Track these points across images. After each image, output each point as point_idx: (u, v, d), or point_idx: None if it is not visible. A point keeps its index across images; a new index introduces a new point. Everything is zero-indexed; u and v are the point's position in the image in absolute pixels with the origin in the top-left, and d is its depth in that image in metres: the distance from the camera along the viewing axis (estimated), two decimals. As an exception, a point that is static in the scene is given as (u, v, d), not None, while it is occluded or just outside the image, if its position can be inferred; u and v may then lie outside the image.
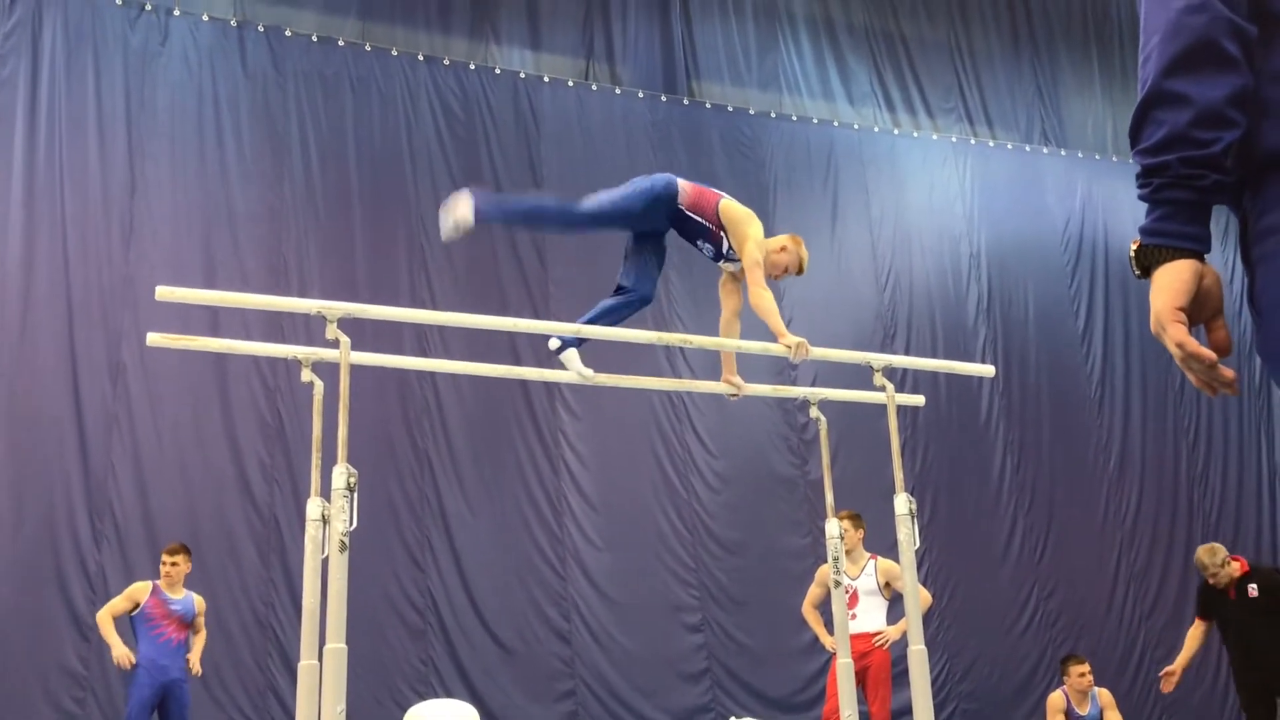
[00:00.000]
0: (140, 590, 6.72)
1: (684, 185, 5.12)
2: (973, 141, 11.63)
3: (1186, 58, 1.42)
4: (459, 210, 4.99)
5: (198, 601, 6.87)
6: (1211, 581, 6.91)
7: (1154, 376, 11.45)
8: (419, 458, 8.74)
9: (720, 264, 5.25)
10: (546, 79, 9.95)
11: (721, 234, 5.07)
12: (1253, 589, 6.72)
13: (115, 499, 7.83)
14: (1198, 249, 1.45)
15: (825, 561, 5.65)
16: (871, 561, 6.81)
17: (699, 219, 5.09)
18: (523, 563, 8.83)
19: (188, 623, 6.76)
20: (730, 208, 5.07)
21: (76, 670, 7.46)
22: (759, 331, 5.55)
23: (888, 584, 6.74)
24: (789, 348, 4.94)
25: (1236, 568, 6.87)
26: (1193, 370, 1.45)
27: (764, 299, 4.96)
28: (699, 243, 5.18)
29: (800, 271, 5.26)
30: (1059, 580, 10.55)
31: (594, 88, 10.14)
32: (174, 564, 6.75)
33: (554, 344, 5.14)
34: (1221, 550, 6.93)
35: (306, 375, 4.36)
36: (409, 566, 8.50)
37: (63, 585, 7.57)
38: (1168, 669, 7.06)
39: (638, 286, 5.25)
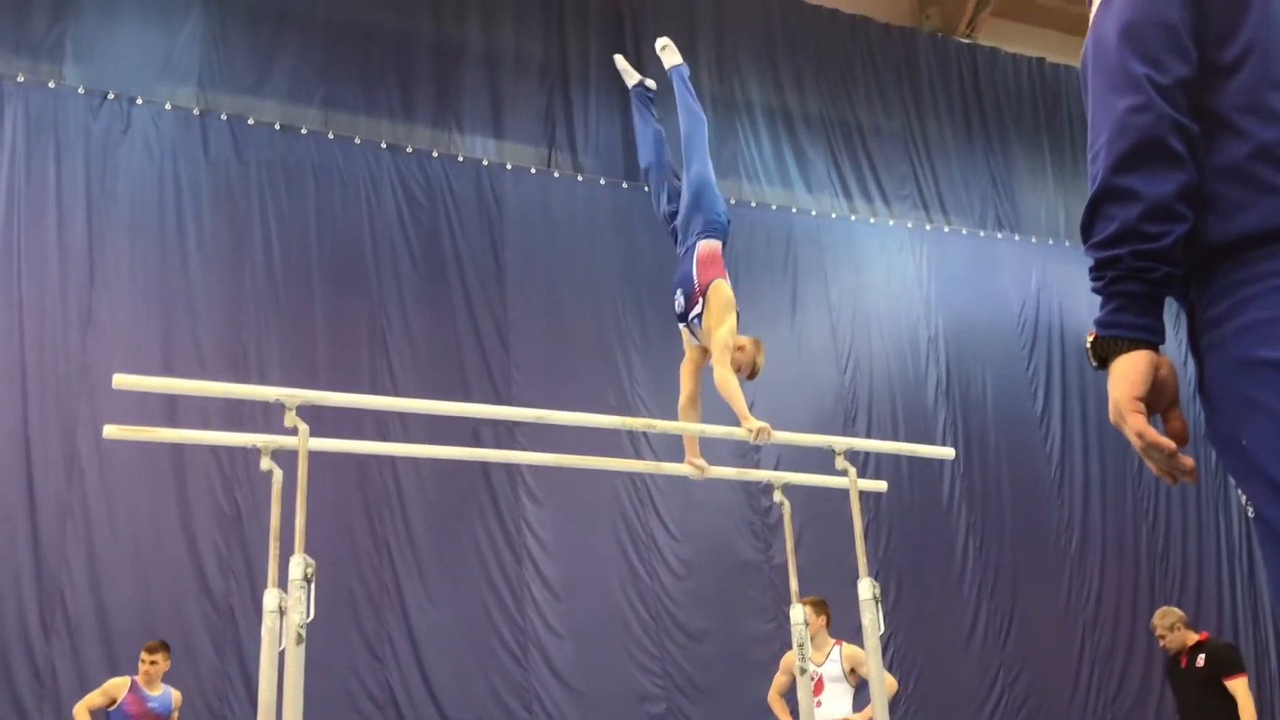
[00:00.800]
0: (118, 686, 6.65)
1: (716, 243, 5.34)
2: (928, 227, 11.83)
3: (1134, 155, 1.47)
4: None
5: (175, 697, 6.84)
6: (1162, 644, 6.97)
7: (1112, 458, 11.55)
8: (378, 546, 8.63)
9: (680, 324, 5.37)
10: (509, 166, 10.05)
11: (699, 301, 5.21)
12: (1201, 658, 6.74)
13: (67, 591, 7.65)
14: (1152, 339, 1.48)
15: (790, 648, 5.61)
16: (837, 647, 6.75)
17: (693, 274, 5.25)
18: (483, 652, 8.69)
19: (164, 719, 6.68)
20: (720, 290, 5.23)
21: (22, 770, 7.23)
22: (721, 415, 5.57)
23: (853, 670, 6.67)
24: (751, 432, 4.99)
25: (1192, 636, 6.88)
26: (1153, 459, 1.48)
27: (729, 381, 5.04)
28: (677, 291, 5.34)
29: (752, 375, 5.38)
30: (1024, 663, 10.51)
31: (556, 175, 10.26)
32: (153, 662, 6.70)
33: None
34: (1174, 614, 6.95)
35: (266, 464, 4.32)
36: (367, 658, 8.34)
37: (9, 680, 7.34)
38: None
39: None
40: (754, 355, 5.30)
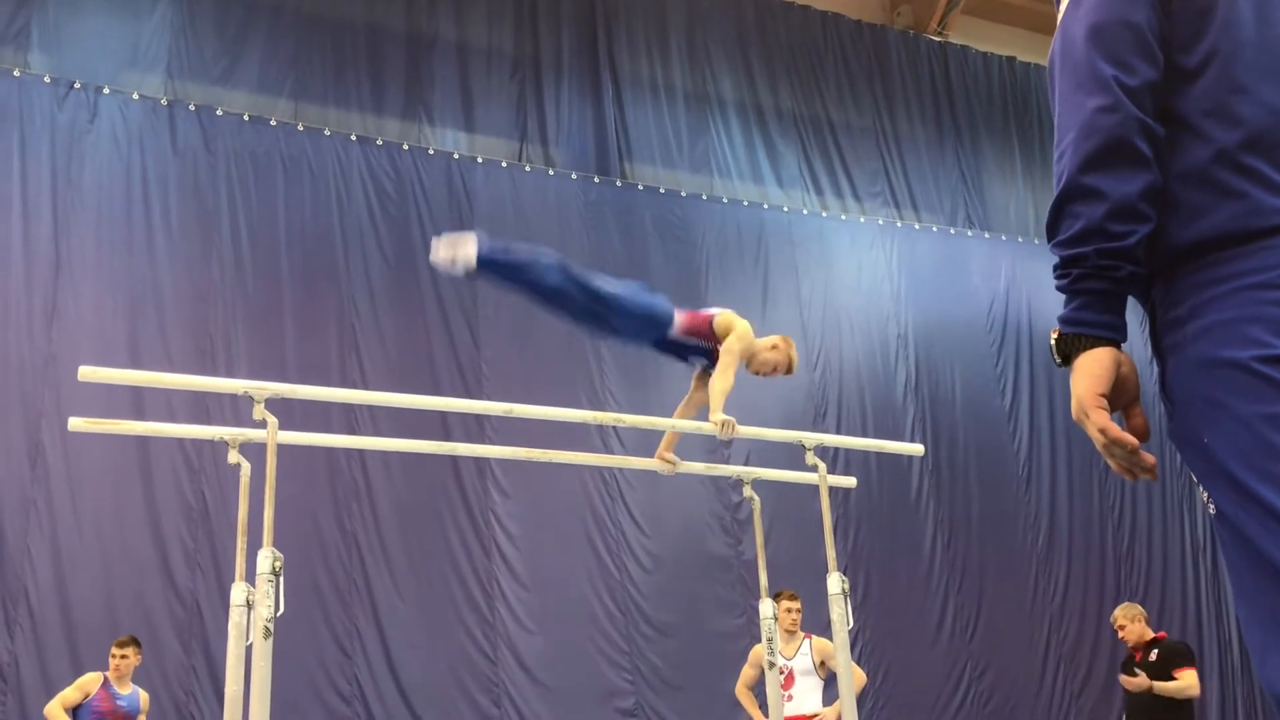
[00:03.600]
0: (91, 681, 6.59)
1: (678, 317, 4.99)
2: (899, 224, 11.88)
3: (1101, 155, 1.47)
4: (464, 247, 4.48)
5: (143, 697, 6.77)
6: (1121, 635, 7.13)
7: (1079, 455, 11.64)
8: (347, 541, 8.59)
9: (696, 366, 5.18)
10: (480, 160, 10.01)
11: (717, 345, 5.00)
12: (1155, 653, 6.91)
13: (30, 585, 7.58)
14: (1115, 337, 1.50)
15: (760, 642, 5.62)
16: (807, 641, 6.79)
17: (694, 340, 5.00)
18: (452, 648, 8.67)
19: (132, 719, 6.62)
20: (726, 320, 5.01)
21: (-16, 766, 7.16)
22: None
23: (823, 663, 6.71)
24: (717, 425, 4.89)
25: (1150, 633, 7.07)
26: (1114, 456, 1.49)
27: (725, 382, 4.89)
28: (690, 358, 5.09)
29: (790, 371, 5.23)
30: (990, 659, 10.59)
31: (527, 169, 10.22)
32: (123, 656, 6.63)
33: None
34: (1136, 608, 7.22)
35: (234, 457, 4.28)
36: (335, 653, 8.30)
37: (-28, 676, 7.28)
38: None
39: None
40: (787, 352, 5.09)
